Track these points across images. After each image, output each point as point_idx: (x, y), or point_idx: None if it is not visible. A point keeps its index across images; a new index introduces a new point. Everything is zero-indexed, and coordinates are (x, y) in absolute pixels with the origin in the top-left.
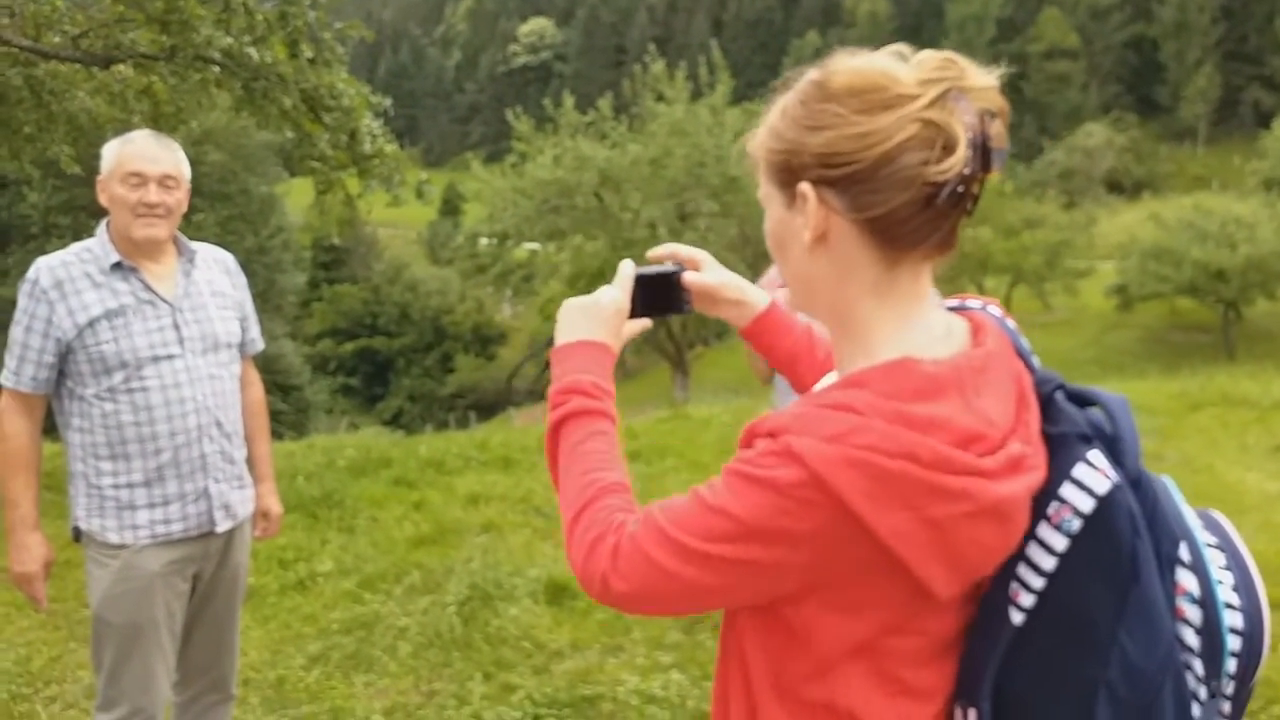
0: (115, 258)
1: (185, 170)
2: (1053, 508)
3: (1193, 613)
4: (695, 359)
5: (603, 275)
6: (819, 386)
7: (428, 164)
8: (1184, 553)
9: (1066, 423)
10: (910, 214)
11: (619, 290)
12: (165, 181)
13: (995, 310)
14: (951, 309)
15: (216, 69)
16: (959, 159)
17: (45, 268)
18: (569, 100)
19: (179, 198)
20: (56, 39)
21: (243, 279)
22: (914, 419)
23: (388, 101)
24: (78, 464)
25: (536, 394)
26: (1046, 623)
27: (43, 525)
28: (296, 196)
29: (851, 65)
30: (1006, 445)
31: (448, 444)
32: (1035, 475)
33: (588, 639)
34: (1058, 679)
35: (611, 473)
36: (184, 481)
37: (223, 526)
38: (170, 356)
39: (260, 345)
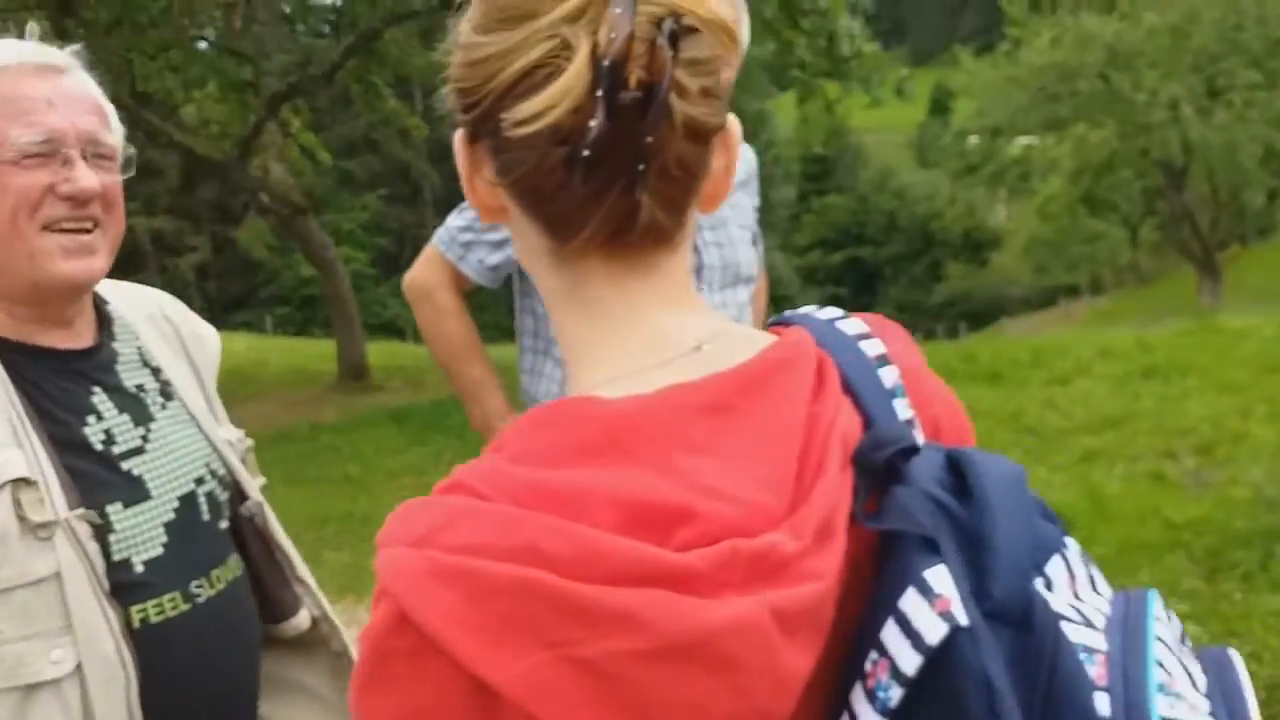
0: None
1: (743, 35)
2: (870, 660)
3: None
4: (1228, 261)
5: (1111, 168)
6: None
7: (915, 62)
8: None
9: (898, 514)
10: (556, 183)
11: None
12: None
13: (850, 325)
14: (776, 323)
15: None
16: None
17: None
18: None
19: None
20: None
21: (757, 183)
22: (554, 491)
23: None
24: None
25: (1033, 302)
26: None
27: None
28: (785, 111)
29: None
30: (746, 536)
31: (932, 355)
32: (803, 592)
33: None
34: None
35: None
36: None
37: None
38: None
39: (764, 259)
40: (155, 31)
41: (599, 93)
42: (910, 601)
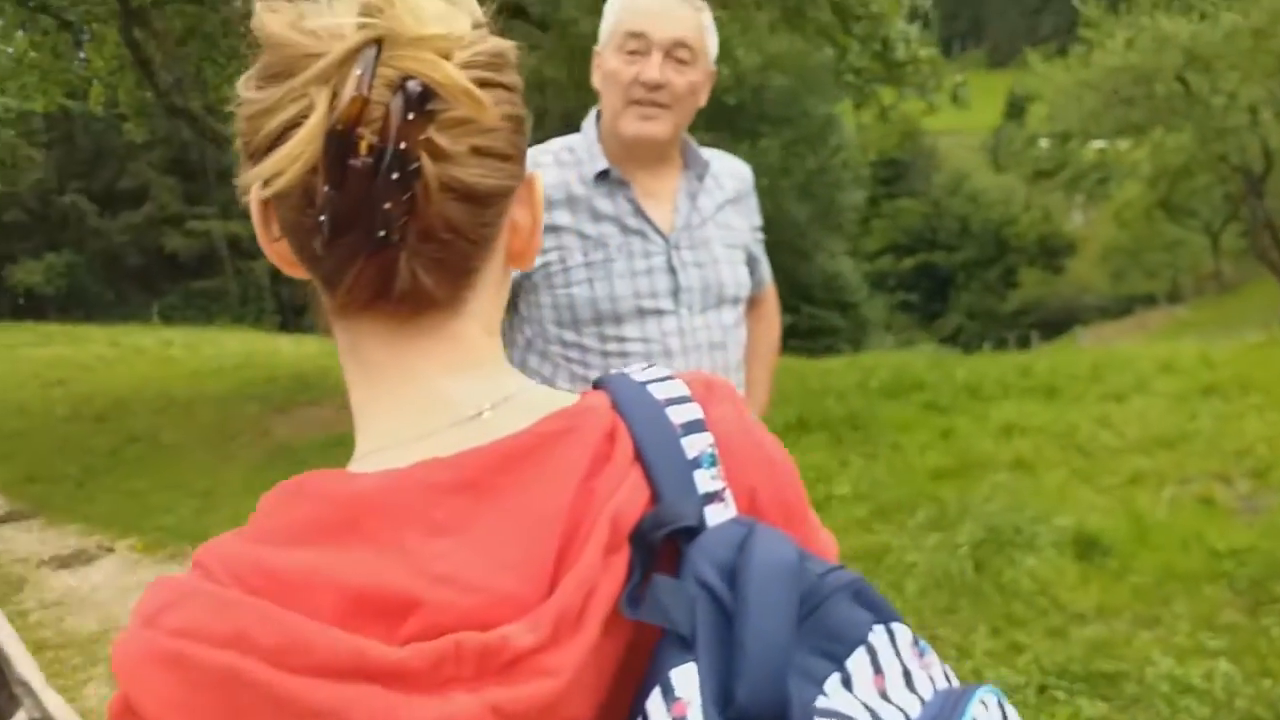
0: (602, 164)
1: (710, 42)
2: None
3: None
4: None
5: (1188, 173)
6: None
7: (993, 65)
8: None
9: (651, 605)
10: (313, 243)
11: None
12: (676, 51)
13: (665, 389)
14: (598, 385)
15: None
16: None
17: None
18: None
19: (693, 81)
20: None
21: (754, 200)
22: (279, 574)
23: (928, 2)
24: None
25: (1109, 310)
26: None
27: None
28: (853, 114)
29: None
30: (483, 627)
31: (988, 367)
32: (531, 690)
33: (1118, 604)
34: None
35: None
36: None
37: None
38: (659, 312)
39: (770, 279)
40: (225, 41)
41: (324, 156)
42: (654, 702)
